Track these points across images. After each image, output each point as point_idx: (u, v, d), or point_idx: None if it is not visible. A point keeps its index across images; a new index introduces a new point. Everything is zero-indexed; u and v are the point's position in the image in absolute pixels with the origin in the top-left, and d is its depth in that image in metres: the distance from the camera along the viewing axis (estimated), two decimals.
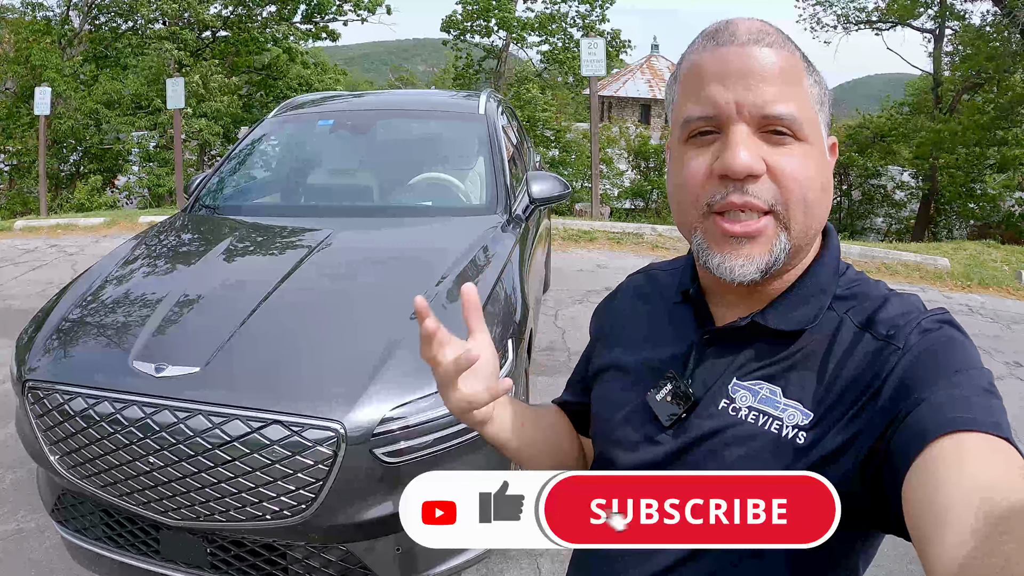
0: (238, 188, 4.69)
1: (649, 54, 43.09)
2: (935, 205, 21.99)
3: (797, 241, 0.97)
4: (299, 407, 2.43)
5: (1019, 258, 9.40)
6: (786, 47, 0.97)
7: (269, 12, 23.59)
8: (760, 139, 0.94)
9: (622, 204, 20.20)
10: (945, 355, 0.89)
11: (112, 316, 3.07)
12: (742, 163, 0.92)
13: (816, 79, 0.99)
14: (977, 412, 0.81)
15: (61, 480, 2.73)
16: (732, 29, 0.97)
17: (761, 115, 0.93)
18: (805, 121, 0.95)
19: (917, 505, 0.76)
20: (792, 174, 0.94)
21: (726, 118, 0.95)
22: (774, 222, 0.95)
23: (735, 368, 1.02)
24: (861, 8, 23.68)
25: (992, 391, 0.86)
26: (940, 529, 0.71)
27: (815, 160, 0.96)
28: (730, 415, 0.99)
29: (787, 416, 0.95)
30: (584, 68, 10.85)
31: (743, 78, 0.94)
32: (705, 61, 0.97)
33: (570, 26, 27.20)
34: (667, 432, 1.05)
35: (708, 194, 0.96)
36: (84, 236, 10.10)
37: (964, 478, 0.74)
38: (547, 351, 5.70)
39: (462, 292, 1.08)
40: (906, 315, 0.95)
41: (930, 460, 0.78)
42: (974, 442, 0.78)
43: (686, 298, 1.13)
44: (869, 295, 1.01)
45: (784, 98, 0.94)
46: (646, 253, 8.87)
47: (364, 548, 2.54)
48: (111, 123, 20.61)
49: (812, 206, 0.96)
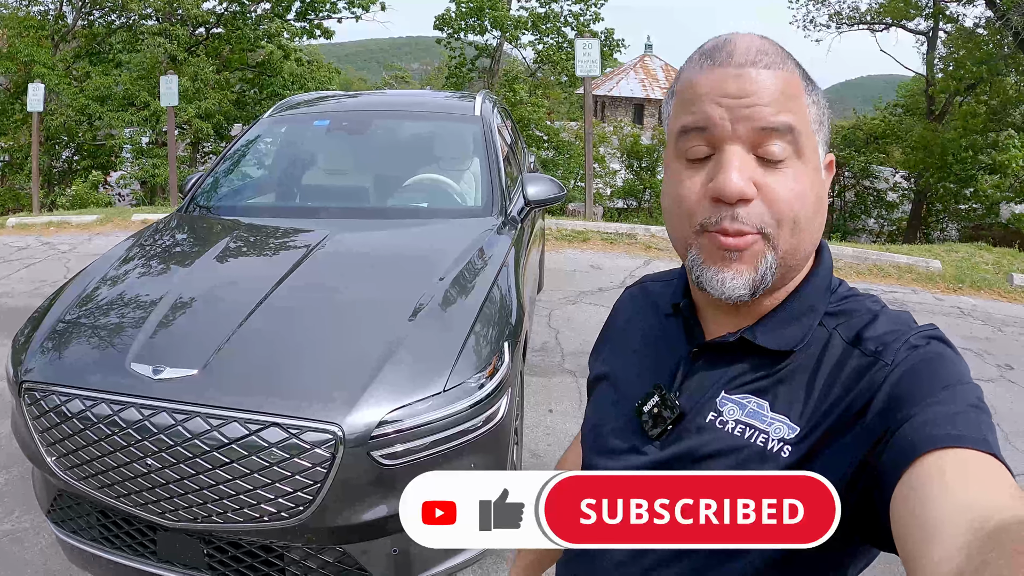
0: (234, 188, 4.70)
1: (643, 53, 43.15)
2: (927, 207, 22.08)
3: (785, 260, 0.97)
4: (297, 409, 2.44)
5: (1010, 260, 9.42)
6: (784, 66, 0.97)
7: (263, 9, 23.53)
8: (754, 160, 0.95)
9: (615, 204, 20.25)
10: (933, 371, 0.90)
11: (109, 317, 3.07)
12: (734, 187, 0.92)
13: (815, 98, 0.99)
14: (965, 428, 0.82)
15: (57, 481, 2.73)
16: (729, 48, 0.97)
17: (759, 128, 0.93)
18: (802, 138, 0.95)
19: (905, 521, 0.77)
20: (784, 196, 0.94)
21: (719, 137, 0.95)
22: (762, 241, 0.95)
23: (724, 382, 1.03)
24: (855, 7, 23.74)
25: (981, 407, 0.86)
26: (927, 545, 0.72)
27: (808, 179, 0.96)
28: (717, 427, 1.00)
29: (773, 429, 0.96)
30: (579, 68, 10.86)
31: (739, 99, 0.94)
32: (701, 81, 0.97)
33: (563, 25, 27.19)
34: (653, 444, 1.06)
35: (702, 214, 0.97)
36: (77, 234, 10.08)
37: (952, 495, 0.74)
38: (540, 352, 5.71)
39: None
40: (895, 331, 0.96)
41: (918, 476, 0.79)
42: (962, 458, 0.78)
43: (677, 311, 1.15)
44: (859, 311, 1.01)
45: (780, 116, 0.94)
46: (639, 253, 8.88)
47: (361, 550, 2.55)
48: (104, 119, 20.52)
49: (802, 227, 0.96)
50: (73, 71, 22.10)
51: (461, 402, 2.60)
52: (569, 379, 5.22)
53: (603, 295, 7.18)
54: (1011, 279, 8.23)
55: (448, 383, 2.62)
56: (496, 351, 2.86)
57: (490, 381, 2.72)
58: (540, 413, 4.68)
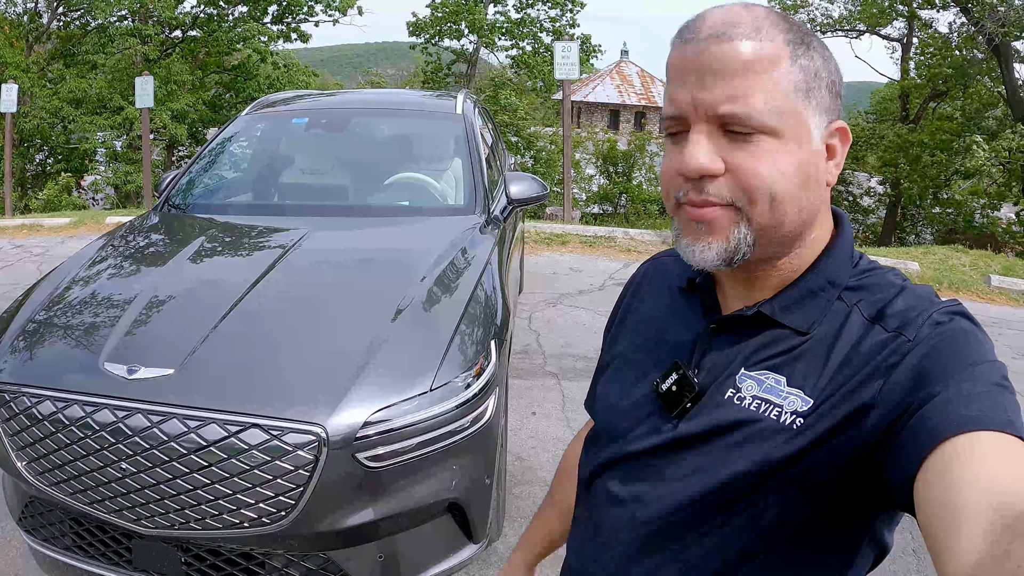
0: (209, 187, 4.60)
1: (619, 59, 43.41)
2: (902, 212, 22.29)
3: (767, 233, 0.96)
4: (279, 410, 2.36)
5: (987, 262, 9.50)
6: (757, 36, 0.93)
7: (240, 12, 23.42)
8: (723, 136, 0.94)
9: (590, 209, 20.28)
10: (957, 349, 0.88)
11: (80, 317, 2.98)
12: (693, 166, 0.94)
13: (803, 62, 0.95)
14: (991, 409, 0.80)
15: (28, 487, 2.64)
16: (698, 24, 0.96)
17: (716, 115, 0.93)
18: (771, 115, 0.93)
19: (930, 505, 0.76)
20: (753, 171, 0.93)
21: (686, 116, 0.96)
22: (731, 212, 0.95)
23: (742, 358, 1.02)
24: (828, 15, 23.91)
25: (1006, 386, 0.85)
26: (953, 531, 0.71)
27: (786, 153, 0.94)
28: (735, 403, 0.99)
29: (787, 403, 0.95)
30: (557, 71, 10.87)
31: (700, 77, 0.94)
32: (673, 60, 0.98)
33: (539, 31, 27.29)
34: (672, 421, 1.04)
35: (675, 189, 0.99)
36: (50, 236, 9.91)
37: (978, 479, 0.73)
38: (522, 354, 5.66)
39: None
40: (917, 307, 0.94)
41: (943, 459, 0.77)
42: (988, 441, 0.77)
43: (692, 286, 1.13)
44: (880, 286, 0.99)
45: (743, 94, 0.92)
46: (619, 256, 8.85)
47: (345, 556, 2.48)
48: (77, 122, 20.31)
49: (783, 199, 0.95)
50: (48, 72, 21.89)
51: (448, 402, 2.53)
52: (551, 381, 5.16)
53: (583, 297, 7.14)
54: (989, 280, 8.31)
55: (435, 383, 2.55)
56: (482, 350, 2.80)
57: (477, 381, 2.66)
58: (523, 416, 4.62)
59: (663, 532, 1.02)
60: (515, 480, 3.81)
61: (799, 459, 0.92)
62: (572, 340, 5.97)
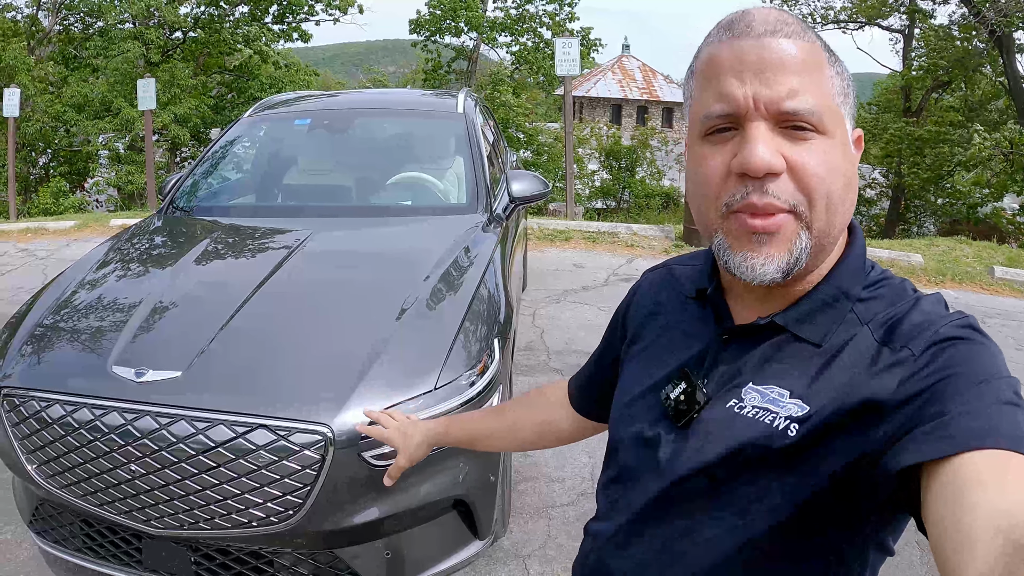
0: (214, 189, 4.62)
1: (620, 54, 43.33)
2: (904, 203, 22.24)
3: (819, 240, 0.93)
4: (285, 410, 2.38)
5: (991, 254, 9.49)
6: (805, 36, 0.93)
7: (241, 13, 23.42)
8: (779, 134, 0.91)
9: (593, 204, 20.28)
10: (968, 364, 0.86)
11: (88, 321, 3.00)
12: (761, 161, 0.89)
13: (838, 69, 0.95)
14: (1003, 428, 0.79)
15: (39, 490, 2.66)
16: (748, 20, 0.94)
17: (779, 111, 0.90)
18: (826, 113, 0.91)
19: (940, 526, 0.75)
20: (814, 170, 0.90)
21: (743, 110, 0.91)
22: (794, 220, 0.91)
23: (751, 370, 1.00)
24: (829, 6, 23.86)
25: (1018, 403, 0.82)
26: (964, 554, 0.70)
27: (838, 154, 0.93)
28: (735, 412, 0.98)
29: (783, 410, 0.94)
30: (558, 67, 10.86)
31: (760, 72, 0.90)
32: (722, 53, 0.94)
33: (539, 25, 27.22)
34: (677, 430, 1.04)
35: (728, 194, 0.93)
36: (54, 240, 9.93)
37: (989, 500, 0.72)
38: (526, 351, 5.67)
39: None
40: (927, 322, 0.92)
41: (953, 478, 0.76)
42: (999, 460, 0.76)
43: (702, 295, 1.12)
44: (891, 299, 0.98)
45: (803, 91, 0.90)
46: (622, 252, 8.85)
47: (352, 554, 2.50)
48: (80, 126, 20.33)
49: (835, 203, 0.93)
50: (50, 76, 21.89)
51: (453, 400, 2.55)
52: (556, 378, 5.17)
53: (587, 293, 7.15)
54: (992, 272, 8.29)
55: (439, 381, 2.57)
56: (486, 348, 2.82)
57: (481, 378, 2.68)
58: None
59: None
60: (520, 476, 3.83)
61: (793, 466, 0.91)
62: (576, 336, 5.98)
